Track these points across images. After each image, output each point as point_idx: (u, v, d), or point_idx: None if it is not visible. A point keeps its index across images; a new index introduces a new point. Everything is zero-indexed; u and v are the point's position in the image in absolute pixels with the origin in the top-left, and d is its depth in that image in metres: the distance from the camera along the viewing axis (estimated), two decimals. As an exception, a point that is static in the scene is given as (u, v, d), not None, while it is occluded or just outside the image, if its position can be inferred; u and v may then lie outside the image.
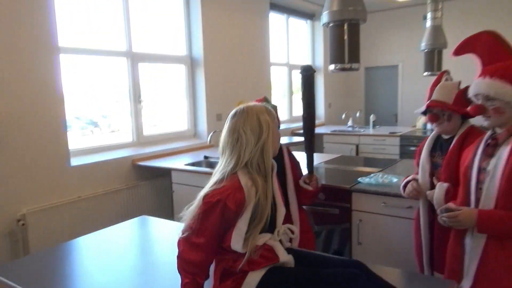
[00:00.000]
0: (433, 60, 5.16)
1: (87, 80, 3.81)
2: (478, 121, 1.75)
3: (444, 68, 5.45)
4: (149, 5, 4.30)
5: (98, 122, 4.08)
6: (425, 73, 5.16)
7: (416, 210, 2.11)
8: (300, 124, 6.61)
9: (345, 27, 2.77)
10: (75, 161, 3.42)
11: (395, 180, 2.52)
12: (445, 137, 1.98)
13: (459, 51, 1.68)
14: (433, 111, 1.94)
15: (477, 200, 1.56)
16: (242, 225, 1.34)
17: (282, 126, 6.25)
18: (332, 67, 2.85)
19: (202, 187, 1.46)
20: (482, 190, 1.54)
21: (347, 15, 2.72)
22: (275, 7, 6.02)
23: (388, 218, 2.40)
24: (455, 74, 2.57)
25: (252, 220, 1.35)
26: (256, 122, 1.39)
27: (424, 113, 2.06)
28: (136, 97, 4.11)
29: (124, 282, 1.62)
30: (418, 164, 2.07)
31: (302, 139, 5.72)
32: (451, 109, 1.89)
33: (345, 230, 2.59)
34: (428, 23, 5.22)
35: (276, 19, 6.26)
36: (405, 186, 2.07)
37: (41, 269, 1.73)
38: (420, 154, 2.06)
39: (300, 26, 7.03)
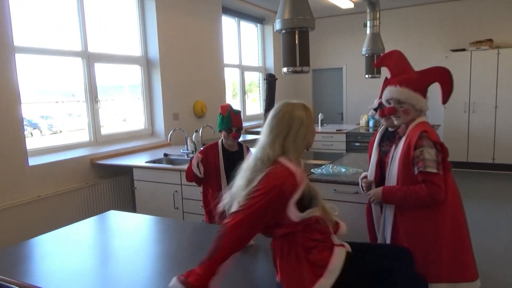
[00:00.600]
0: (373, 64, 5.65)
1: (40, 80, 3.79)
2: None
3: (382, 71, 6.01)
4: (104, 6, 4.35)
5: (39, 124, 3.99)
6: (366, 76, 5.63)
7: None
8: (253, 122, 6.91)
9: (296, 34, 3.07)
10: (33, 161, 3.42)
11: (343, 170, 2.86)
12: (391, 129, 2.34)
13: (378, 64, 2.28)
14: (381, 107, 2.29)
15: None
16: (293, 206, 1.47)
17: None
18: (285, 69, 3.13)
19: (164, 183, 1.57)
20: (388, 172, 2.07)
21: (297, 23, 3.01)
22: (227, 11, 6.25)
23: (338, 203, 2.72)
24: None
25: (301, 201, 1.49)
26: (298, 115, 1.56)
27: (376, 109, 2.42)
28: (93, 97, 4.14)
29: (91, 274, 1.65)
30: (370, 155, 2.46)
31: (256, 136, 6.00)
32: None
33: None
34: (368, 30, 5.72)
35: (228, 23, 6.49)
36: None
37: (4, 267, 1.70)
38: (372, 146, 2.45)
39: (251, 29, 7.31)
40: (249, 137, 5.96)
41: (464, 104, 6.59)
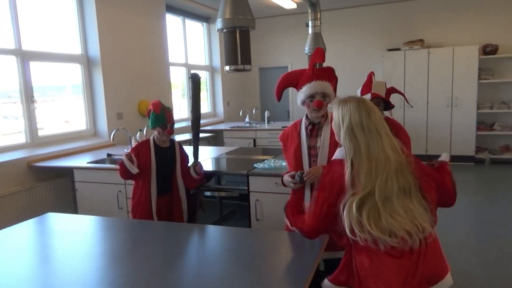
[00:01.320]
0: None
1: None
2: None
3: (324, 69, 6.26)
4: (39, 2, 4.15)
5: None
6: (309, 74, 5.85)
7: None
8: (201, 121, 6.91)
9: (237, 33, 3.14)
10: (-38, 165, 3.21)
11: (284, 163, 2.98)
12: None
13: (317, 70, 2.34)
14: (373, 101, 2.44)
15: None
16: None
17: (184, 124, 6.47)
18: (227, 68, 3.18)
19: (107, 183, 1.56)
20: (316, 161, 2.12)
21: (238, 22, 3.08)
22: (171, 9, 6.20)
23: (280, 195, 2.84)
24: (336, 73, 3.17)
25: None
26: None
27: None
28: (28, 97, 3.95)
29: (28, 277, 1.61)
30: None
31: (206, 135, 6.03)
32: (387, 100, 2.55)
33: (246, 208, 2.97)
34: (310, 30, 5.95)
35: (173, 21, 6.44)
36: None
37: None
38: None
39: (197, 28, 7.30)
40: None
41: (400, 100, 7.05)
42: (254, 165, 3.03)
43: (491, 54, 6.69)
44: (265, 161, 3.09)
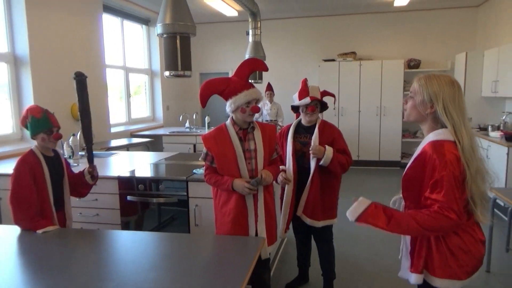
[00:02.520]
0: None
1: None
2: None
3: (264, 75, 6.44)
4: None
5: None
6: (250, 81, 5.96)
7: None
8: (140, 125, 6.75)
9: (178, 39, 3.15)
10: None
11: (223, 169, 3.03)
12: (307, 124, 2.74)
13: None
14: (312, 103, 2.66)
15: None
16: None
17: (120, 128, 6.27)
18: (167, 73, 3.18)
19: None
20: (251, 163, 2.27)
21: (178, 28, 3.09)
22: (109, 9, 6.00)
23: (218, 200, 2.88)
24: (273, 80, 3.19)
25: None
26: None
27: (295, 109, 2.83)
28: None
29: None
30: (282, 145, 2.80)
31: (144, 140, 5.87)
32: (322, 102, 2.76)
33: (185, 214, 2.97)
34: (250, 38, 6.09)
35: (111, 22, 6.23)
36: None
37: None
38: (282, 137, 2.82)
39: (136, 30, 7.13)
40: (135, 140, 5.83)
41: (332, 110, 7.45)
42: (194, 171, 3.04)
43: (415, 68, 7.33)
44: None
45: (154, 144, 6.01)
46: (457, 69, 6.75)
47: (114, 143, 5.35)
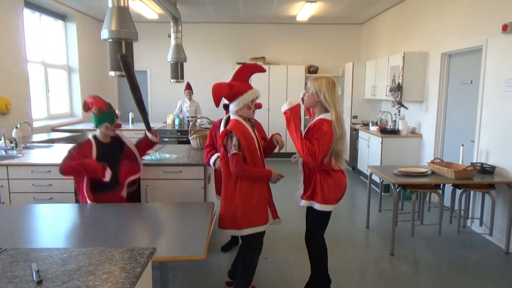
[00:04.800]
0: (177, 70, 6.56)
1: None
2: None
3: (185, 76, 7.02)
4: None
5: None
6: (172, 80, 6.50)
7: None
8: (60, 120, 6.79)
9: (123, 43, 3.63)
10: None
11: (167, 156, 3.65)
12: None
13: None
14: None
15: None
16: None
17: (41, 123, 6.29)
18: (112, 73, 3.62)
19: None
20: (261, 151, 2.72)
21: (124, 34, 3.58)
22: (28, 4, 6.00)
23: (166, 181, 3.49)
24: (192, 79, 3.83)
25: None
26: None
27: (225, 107, 3.05)
28: None
29: None
30: (215, 135, 3.19)
31: (66, 134, 6.02)
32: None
33: (136, 194, 3.50)
34: (172, 41, 6.60)
35: (30, 17, 6.20)
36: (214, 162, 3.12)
37: None
38: (215, 128, 3.23)
39: (54, 26, 7.10)
40: (55, 135, 5.92)
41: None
42: (142, 157, 3.58)
43: (314, 73, 8.60)
44: (151, 154, 3.68)
45: (80, 138, 6.20)
46: (346, 76, 8.15)
47: (40, 137, 5.45)
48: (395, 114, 6.36)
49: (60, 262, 1.48)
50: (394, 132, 5.92)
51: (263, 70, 2.79)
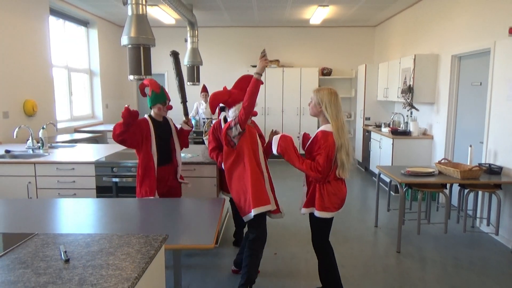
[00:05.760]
0: (193, 73, 6.80)
1: None
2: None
3: (201, 79, 7.25)
4: None
5: None
6: (189, 83, 6.73)
7: None
8: (82, 122, 7.11)
9: (141, 49, 3.87)
10: None
11: (183, 155, 3.85)
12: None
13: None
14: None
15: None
16: None
17: (64, 125, 6.61)
18: (131, 77, 3.86)
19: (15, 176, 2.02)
20: None
21: (142, 41, 3.81)
22: (53, 12, 6.33)
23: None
24: (207, 82, 4.10)
25: None
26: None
27: (222, 109, 3.21)
28: None
29: None
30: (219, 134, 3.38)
31: (85, 135, 6.32)
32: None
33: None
34: (189, 45, 6.84)
35: (54, 24, 6.54)
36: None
37: None
38: (217, 130, 3.31)
39: (77, 32, 7.44)
40: (78, 135, 6.22)
41: (261, 108, 8.53)
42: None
43: (327, 75, 8.71)
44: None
45: (101, 138, 6.50)
46: (359, 78, 8.23)
47: (64, 137, 5.75)
48: (407, 115, 6.43)
49: (84, 244, 1.68)
50: (405, 133, 5.99)
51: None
